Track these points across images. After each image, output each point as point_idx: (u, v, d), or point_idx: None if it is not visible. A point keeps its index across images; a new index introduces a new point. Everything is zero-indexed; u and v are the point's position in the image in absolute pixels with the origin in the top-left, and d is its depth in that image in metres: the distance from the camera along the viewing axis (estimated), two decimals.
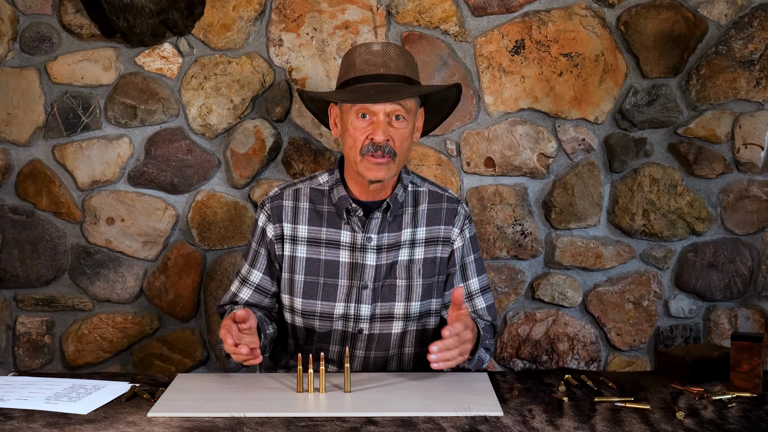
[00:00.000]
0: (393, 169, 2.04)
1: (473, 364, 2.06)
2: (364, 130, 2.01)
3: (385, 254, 2.12)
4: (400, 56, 2.06)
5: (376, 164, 2.01)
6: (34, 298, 2.89)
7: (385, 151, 2.00)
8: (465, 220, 2.19)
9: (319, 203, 2.14)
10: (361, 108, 2.01)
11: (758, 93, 2.83)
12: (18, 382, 1.99)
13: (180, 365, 2.90)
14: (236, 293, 2.17)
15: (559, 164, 2.87)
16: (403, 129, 2.02)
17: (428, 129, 2.27)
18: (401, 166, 2.09)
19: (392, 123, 2.01)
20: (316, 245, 2.12)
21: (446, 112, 2.23)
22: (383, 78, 2.03)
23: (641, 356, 2.93)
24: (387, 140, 2.00)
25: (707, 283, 2.90)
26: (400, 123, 2.02)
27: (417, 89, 2.03)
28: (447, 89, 2.13)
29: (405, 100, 2.01)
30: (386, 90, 2.00)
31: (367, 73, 2.04)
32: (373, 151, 2.00)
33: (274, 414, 1.75)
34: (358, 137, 2.02)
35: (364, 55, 2.06)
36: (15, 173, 2.86)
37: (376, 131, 1.99)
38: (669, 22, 2.80)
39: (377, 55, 2.04)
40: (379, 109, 2.00)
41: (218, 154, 2.86)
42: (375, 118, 2.01)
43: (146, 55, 2.82)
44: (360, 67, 2.05)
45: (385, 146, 2.00)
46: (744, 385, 1.94)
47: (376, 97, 1.98)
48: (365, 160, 2.02)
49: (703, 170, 2.86)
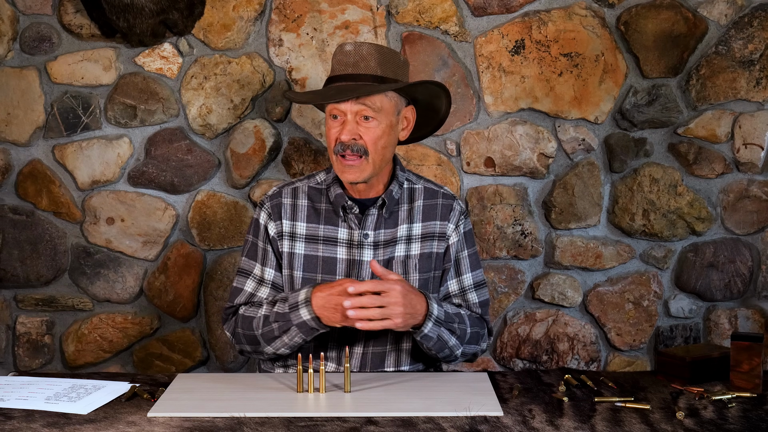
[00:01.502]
0: (367, 169, 2.07)
1: (432, 343, 2.04)
2: (335, 132, 2.07)
3: (382, 250, 2.13)
4: (373, 55, 2.07)
5: (347, 166, 2.06)
6: (34, 298, 2.89)
7: (354, 149, 2.04)
8: (460, 215, 2.20)
9: (317, 201, 2.16)
10: (332, 108, 2.07)
11: (758, 93, 2.83)
12: (18, 382, 1.99)
13: (180, 365, 2.90)
14: (254, 293, 2.17)
15: (559, 164, 2.87)
16: (374, 128, 2.06)
17: (429, 131, 2.28)
18: (380, 165, 2.10)
19: (360, 123, 2.06)
20: (314, 242, 2.13)
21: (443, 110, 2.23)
22: (351, 78, 2.07)
23: (641, 356, 2.93)
24: (353, 139, 2.04)
25: (707, 283, 2.90)
26: (369, 123, 2.06)
27: (370, 89, 2.05)
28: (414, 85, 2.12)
29: (373, 100, 2.04)
30: (346, 90, 2.04)
31: (338, 73, 2.09)
32: (342, 151, 2.05)
33: (274, 414, 1.75)
34: (331, 137, 2.08)
35: (338, 56, 2.11)
36: (15, 173, 2.86)
37: (343, 130, 2.05)
38: (669, 22, 2.80)
39: (348, 55, 2.09)
40: (347, 109, 2.05)
41: (218, 154, 2.86)
42: (345, 119, 2.06)
43: (146, 55, 2.82)
44: (335, 67, 2.11)
45: (354, 145, 2.04)
46: (744, 385, 1.94)
47: (335, 96, 2.04)
48: (338, 161, 2.07)
49: (703, 170, 2.86)
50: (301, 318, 2.00)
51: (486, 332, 2.22)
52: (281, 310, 2.04)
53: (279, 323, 2.04)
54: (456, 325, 2.09)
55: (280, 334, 2.05)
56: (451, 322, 2.07)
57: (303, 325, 2.01)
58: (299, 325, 2.01)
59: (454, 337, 2.09)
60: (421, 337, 2.03)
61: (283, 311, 2.04)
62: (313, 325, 2.00)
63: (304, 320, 2.00)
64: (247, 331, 2.10)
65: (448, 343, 2.08)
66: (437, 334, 2.04)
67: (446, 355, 2.11)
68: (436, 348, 2.07)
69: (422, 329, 2.01)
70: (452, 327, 2.08)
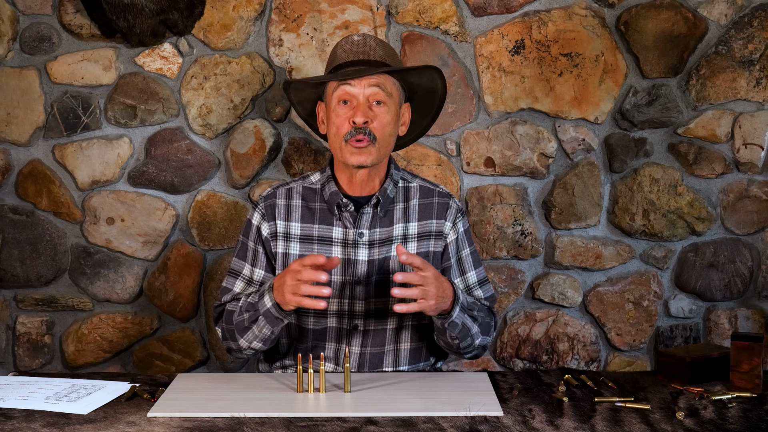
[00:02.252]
0: (374, 154, 2.07)
1: (457, 330, 2.04)
2: (345, 116, 2.07)
3: (377, 249, 2.12)
4: (380, 45, 2.12)
5: (357, 149, 2.06)
6: (34, 298, 2.89)
7: (365, 133, 2.05)
8: (457, 213, 2.20)
9: (311, 201, 2.16)
10: (343, 94, 2.07)
11: (758, 93, 2.83)
12: (18, 382, 1.99)
13: (180, 365, 2.90)
14: (241, 293, 2.17)
15: (559, 164, 2.87)
16: (384, 114, 2.07)
17: (423, 129, 2.29)
18: (384, 154, 2.11)
19: (372, 107, 2.07)
20: (308, 242, 2.13)
21: (435, 107, 2.23)
22: (363, 63, 2.09)
23: (641, 356, 2.93)
24: (366, 122, 2.04)
25: (707, 283, 2.90)
26: (381, 108, 2.07)
27: (393, 67, 2.09)
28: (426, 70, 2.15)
29: (385, 84, 2.07)
30: (363, 70, 2.06)
31: (348, 59, 2.10)
32: (355, 134, 2.05)
33: (274, 414, 1.75)
34: (341, 123, 2.07)
35: (345, 46, 2.13)
36: (15, 173, 2.86)
37: (356, 113, 2.05)
38: (669, 22, 2.80)
39: (357, 44, 2.11)
40: (359, 92, 2.06)
41: (218, 154, 2.86)
42: (356, 102, 2.06)
43: (146, 55, 2.82)
44: (341, 56, 2.12)
45: (365, 129, 2.05)
46: (744, 385, 1.94)
47: (353, 74, 2.05)
48: (348, 145, 2.06)
49: (703, 170, 2.86)
50: (265, 306, 1.99)
51: (494, 324, 2.22)
52: (252, 300, 2.04)
53: (249, 313, 2.04)
54: (476, 312, 2.10)
55: (249, 325, 2.04)
56: (472, 310, 2.08)
57: (267, 313, 1.99)
58: (265, 314, 2.00)
59: (476, 325, 2.09)
60: (449, 324, 2.02)
61: (253, 301, 2.04)
62: (275, 312, 1.98)
63: (267, 308, 1.99)
64: (228, 325, 2.11)
65: (471, 330, 2.08)
66: (462, 320, 2.03)
67: (467, 345, 2.10)
68: (461, 335, 2.06)
69: (451, 314, 2.00)
70: (474, 315, 2.09)
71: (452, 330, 2.04)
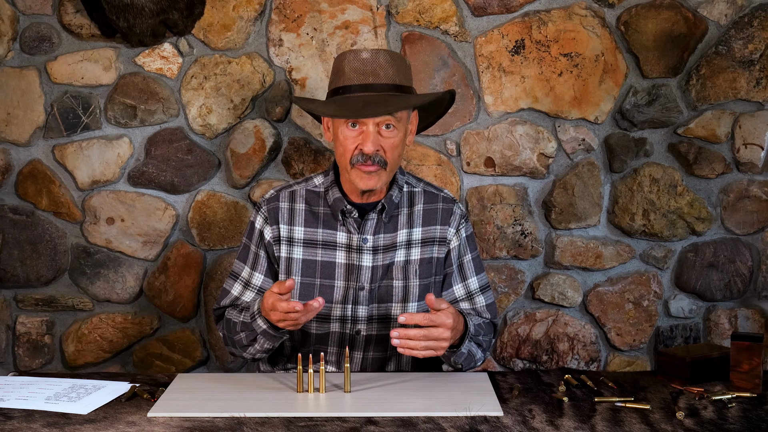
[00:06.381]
0: (384, 177, 2.05)
1: (462, 358, 2.05)
2: (354, 140, 2.02)
3: (381, 255, 2.12)
4: (390, 63, 2.04)
5: (366, 173, 2.02)
6: (34, 298, 2.89)
7: (375, 160, 2.01)
8: (461, 219, 2.19)
9: (315, 205, 2.14)
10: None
11: (758, 93, 2.83)
12: (18, 382, 1.99)
13: (180, 365, 2.90)
14: (239, 296, 2.17)
15: (559, 164, 2.87)
16: (393, 138, 2.03)
17: (422, 127, 2.27)
18: (393, 173, 2.10)
19: (382, 132, 2.02)
20: (312, 246, 2.12)
21: (441, 111, 2.24)
22: (372, 88, 2.02)
23: (641, 356, 2.93)
24: (377, 150, 2.01)
25: (707, 283, 2.90)
26: (390, 132, 2.02)
27: (406, 101, 2.02)
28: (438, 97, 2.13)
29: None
30: (374, 102, 1.99)
31: (356, 82, 2.03)
32: (363, 161, 2.01)
33: (274, 414, 1.75)
34: (348, 146, 2.02)
35: (353, 63, 2.04)
36: (15, 173, 2.86)
37: (365, 142, 2.00)
38: (669, 22, 2.80)
39: (366, 63, 2.03)
40: (369, 119, 2.00)
41: (218, 154, 2.86)
42: (365, 128, 2.01)
43: (146, 55, 2.82)
44: (349, 75, 2.04)
45: (375, 156, 2.01)
46: (744, 385, 1.94)
47: (363, 111, 1.98)
48: (356, 169, 2.02)
49: (703, 170, 2.86)
50: (261, 327, 2.00)
51: (495, 334, 2.22)
52: (246, 320, 2.04)
53: (245, 333, 2.04)
54: (482, 338, 2.10)
55: (249, 343, 2.05)
56: (478, 335, 2.07)
57: (265, 333, 2.00)
58: (262, 333, 2.01)
59: (480, 351, 2.10)
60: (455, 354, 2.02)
61: (246, 321, 2.04)
62: (272, 332, 2.00)
63: (263, 329, 2.00)
64: (230, 334, 2.12)
65: (475, 356, 2.09)
66: (468, 349, 2.04)
67: (470, 367, 2.12)
68: (465, 362, 2.08)
69: (460, 348, 2.01)
70: (479, 341, 2.08)
71: (458, 358, 2.05)
